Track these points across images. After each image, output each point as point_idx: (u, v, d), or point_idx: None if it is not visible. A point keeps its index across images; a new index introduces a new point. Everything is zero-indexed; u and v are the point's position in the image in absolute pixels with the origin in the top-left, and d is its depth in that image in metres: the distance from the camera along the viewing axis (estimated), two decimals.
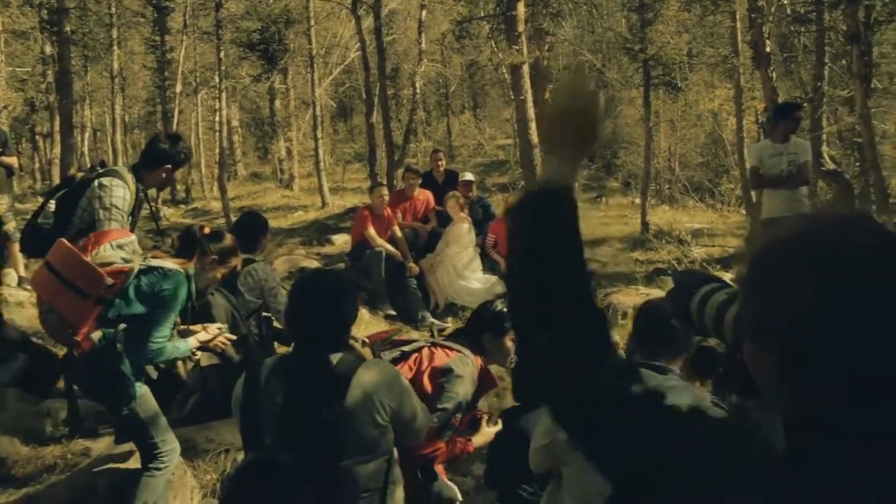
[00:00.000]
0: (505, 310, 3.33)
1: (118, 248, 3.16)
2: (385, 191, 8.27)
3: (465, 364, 3.09)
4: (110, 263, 3.11)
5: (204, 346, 3.61)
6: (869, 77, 9.64)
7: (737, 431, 0.90)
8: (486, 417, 3.30)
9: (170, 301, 3.18)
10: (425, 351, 3.13)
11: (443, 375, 3.04)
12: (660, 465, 0.89)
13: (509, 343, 3.24)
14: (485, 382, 3.21)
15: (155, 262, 3.24)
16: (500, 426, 3.25)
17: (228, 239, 3.84)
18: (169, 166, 4.11)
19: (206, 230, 3.68)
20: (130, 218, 4.04)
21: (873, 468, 0.81)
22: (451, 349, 3.14)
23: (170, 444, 3.36)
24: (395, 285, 7.74)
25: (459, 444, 3.15)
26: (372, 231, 7.72)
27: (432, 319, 7.42)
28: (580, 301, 1.07)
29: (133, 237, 3.32)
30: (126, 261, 3.15)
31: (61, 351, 4.17)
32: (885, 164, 12.82)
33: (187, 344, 3.41)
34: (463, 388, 3.05)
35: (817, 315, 0.84)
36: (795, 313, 0.86)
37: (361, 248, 7.94)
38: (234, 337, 3.80)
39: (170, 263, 3.26)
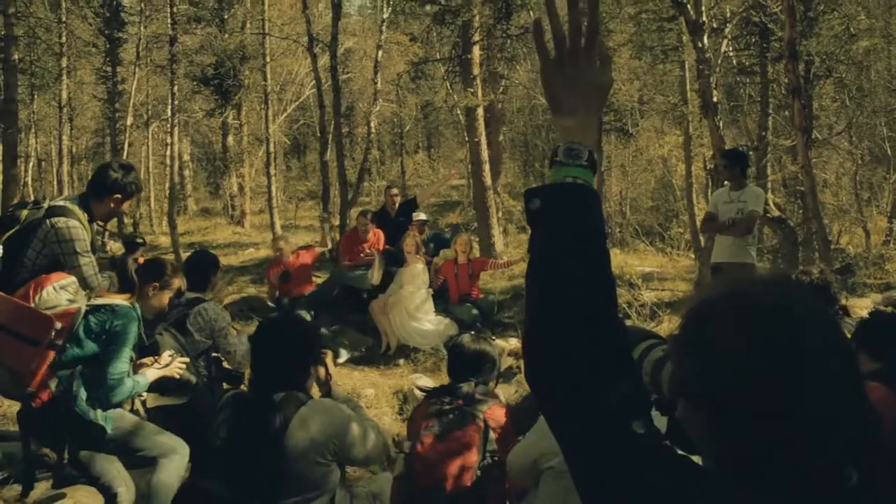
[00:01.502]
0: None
1: (61, 290, 3.10)
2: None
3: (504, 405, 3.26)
4: (55, 307, 3.05)
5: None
6: (810, 129, 10.05)
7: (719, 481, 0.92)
8: None
9: (123, 336, 3.15)
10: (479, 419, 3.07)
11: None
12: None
13: None
14: None
15: (100, 301, 3.20)
16: None
17: (166, 264, 3.88)
18: (118, 196, 3.83)
19: (141, 261, 3.67)
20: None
21: None
22: (489, 400, 3.18)
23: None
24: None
25: None
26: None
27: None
28: (609, 311, 1.03)
29: (74, 278, 3.25)
30: (71, 302, 3.10)
31: None
32: (827, 211, 13.31)
33: (146, 378, 3.38)
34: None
35: (742, 377, 0.89)
36: (721, 376, 0.90)
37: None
38: (187, 359, 3.78)
39: (117, 299, 3.23)
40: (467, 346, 3.28)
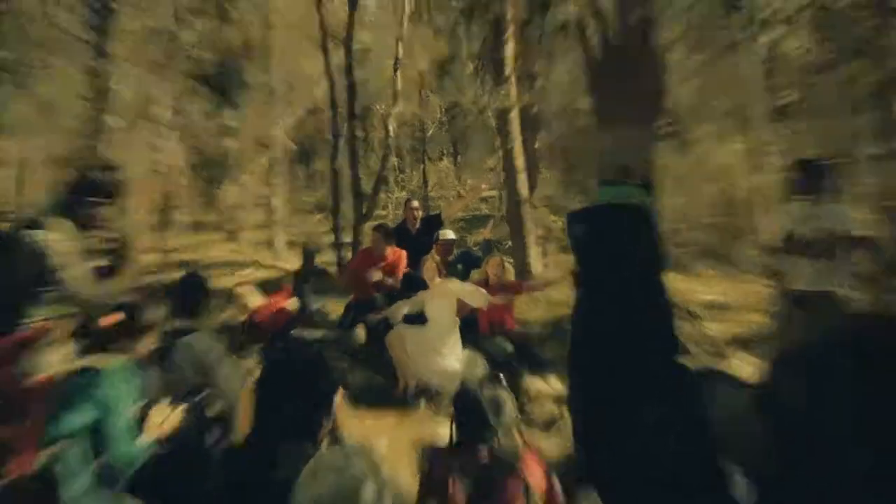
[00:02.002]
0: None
1: (41, 353, 3.15)
2: None
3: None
4: (36, 373, 3.12)
5: None
6: None
7: None
8: None
9: (117, 400, 3.21)
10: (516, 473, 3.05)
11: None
12: None
13: None
14: None
15: (85, 363, 3.30)
16: None
17: (133, 317, 3.88)
18: (97, 198, 4.11)
19: (109, 321, 3.71)
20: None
21: None
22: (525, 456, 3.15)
23: None
24: None
25: None
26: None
27: None
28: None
29: (49, 335, 3.31)
30: (52, 366, 3.15)
31: None
32: None
33: (146, 440, 3.43)
34: None
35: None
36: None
37: None
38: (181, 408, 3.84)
39: (105, 360, 3.34)
40: (476, 394, 3.23)
